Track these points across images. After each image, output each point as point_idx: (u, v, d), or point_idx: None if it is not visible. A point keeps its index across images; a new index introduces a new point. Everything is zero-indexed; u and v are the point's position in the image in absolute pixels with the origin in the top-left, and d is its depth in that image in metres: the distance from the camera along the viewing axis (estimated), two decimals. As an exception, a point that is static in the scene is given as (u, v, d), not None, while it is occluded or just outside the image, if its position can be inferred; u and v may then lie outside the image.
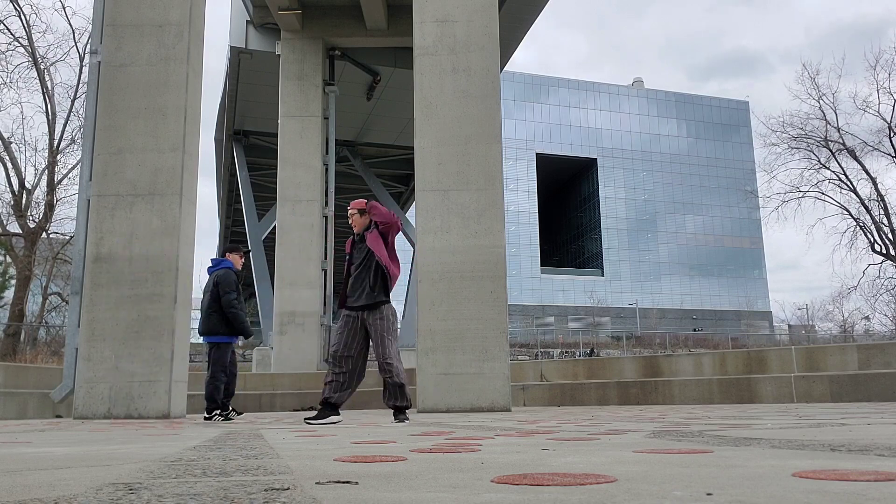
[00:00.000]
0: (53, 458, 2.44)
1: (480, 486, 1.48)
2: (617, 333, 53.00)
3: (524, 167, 73.00)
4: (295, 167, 16.22)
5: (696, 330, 59.69)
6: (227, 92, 21.65)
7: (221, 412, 7.13)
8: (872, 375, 9.32)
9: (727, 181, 75.95)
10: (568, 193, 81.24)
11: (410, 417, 5.41)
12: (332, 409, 5.36)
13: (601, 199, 74.69)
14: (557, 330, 59.28)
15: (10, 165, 23.40)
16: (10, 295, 24.73)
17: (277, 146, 16.53)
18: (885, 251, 30.49)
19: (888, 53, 65.14)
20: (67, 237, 24.43)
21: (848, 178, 31.01)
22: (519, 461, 2.01)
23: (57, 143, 23.30)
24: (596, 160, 75.43)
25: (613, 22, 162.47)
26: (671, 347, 43.56)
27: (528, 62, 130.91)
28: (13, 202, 23.31)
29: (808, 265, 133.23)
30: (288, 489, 1.46)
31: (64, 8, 37.74)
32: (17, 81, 26.84)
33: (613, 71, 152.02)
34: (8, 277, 25.99)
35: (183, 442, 3.29)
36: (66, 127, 23.59)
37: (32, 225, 23.17)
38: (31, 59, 23.06)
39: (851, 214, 31.14)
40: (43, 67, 23.18)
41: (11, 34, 22.81)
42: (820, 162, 31.46)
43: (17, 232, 23.84)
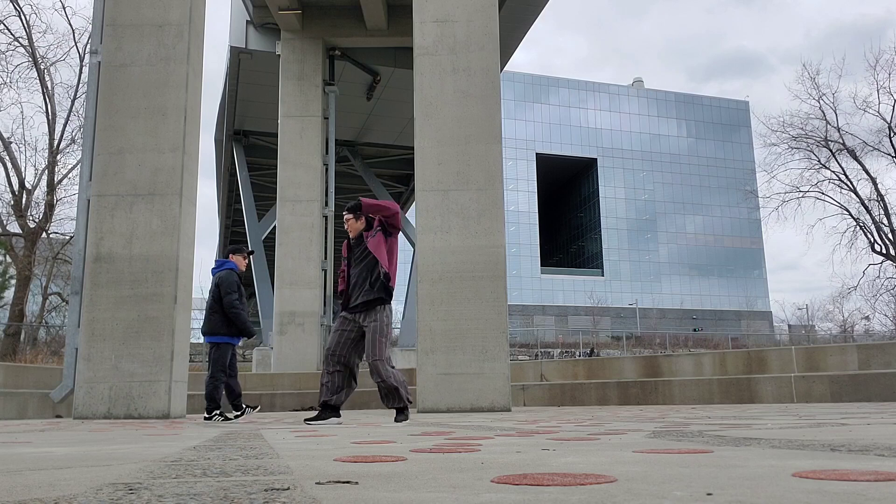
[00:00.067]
0: (53, 458, 2.44)
1: (480, 486, 1.48)
2: (617, 333, 53.01)
3: (524, 167, 73.01)
4: (295, 167, 16.23)
5: (696, 330, 59.68)
6: (227, 92, 21.65)
7: (235, 413, 7.19)
8: (872, 375, 9.32)
9: (727, 181, 75.94)
10: (568, 193, 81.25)
11: (410, 417, 5.41)
12: (332, 410, 5.38)
13: (601, 199, 74.69)
14: (557, 330, 59.30)
15: (10, 165, 23.43)
16: (10, 295, 24.74)
17: (277, 146, 16.54)
18: (885, 251, 30.50)
19: (888, 53, 65.16)
20: (67, 237, 24.44)
21: (848, 178, 31.05)
22: (519, 461, 2.01)
23: (57, 143, 23.32)
24: (596, 160, 75.44)
25: (613, 23, 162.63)
26: (671, 347, 43.57)
27: (528, 63, 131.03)
28: (13, 202, 23.33)
29: (808, 265, 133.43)
30: (288, 489, 1.46)
31: (64, 8, 37.84)
32: (17, 81, 26.92)
33: (614, 72, 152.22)
34: (8, 277, 26.01)
35: (183, 442, 3.29)
36: (66, 127, 23.64)
37: (32, 225, 23.18)
38: (31, 59, 23.09)
39: (851, 214, 31.17)
40: (43, 67, 23.20)
41: (11, 34, 22.85)
42: (820, 162, 31.49)
43: (17, 232, 23.86)
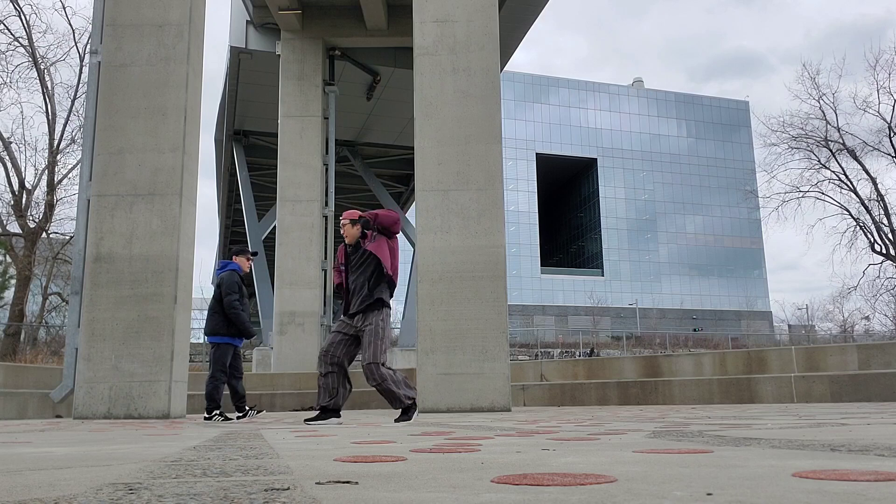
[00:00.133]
0: (53, 458, 2.44)
1: (480, 486, 1.48)
2: (617, 333, 53.00)
3: (524, 167, 73.00)
4: (295, 167, 16.22)
5: (696, 330, 59.67)
6: (227, 92, 21.64)
7: (237, 414, 7.22)
8: (872, 375, 9.32)
9: (727, 181, 75.93)
10: (568, 193, 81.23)
11: (412, 417, 5.42)
12: (331, 412, 5.39)
13: (601, 199, 74.67)
14: (557, 330, 59.29)
15: (10, 165, 23.44)
16: (10, 295, 24.75)
17: (277, 146, 16.53)
18: (885, 251, 30.50)
19: (888, 53, 65.16)
20: (67, 237, 24.45)
21: (848, 178, 31.06)
22: (519, 461, 2.01)
23: (57, 143, 23.33)
24: (596, 160, 75.43)
25: (613, 23, 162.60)
26: (671, 347, 43.56)
27: (528, 63, 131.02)
28: (13, 202, 23.33)
29: (808, 265, 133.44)
30: (288, 489, 1.46)
31: (64, 8, 37.82)
32: (17, 81, 26.92)
33: (614, 72, 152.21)
34: (8, 277, 26.01)
35: (183, 442, 3.29)
36: (66, 127, 23.65)
37: (32, 225, 23.18)
38: (31, 59, 23.10)
39: (851, 214, 31.18)
40: (43, 67, 23.21)
41: (11, 34, 22.86)
42: (820, 162, 31.50)
43: (17, 232, 23.86)
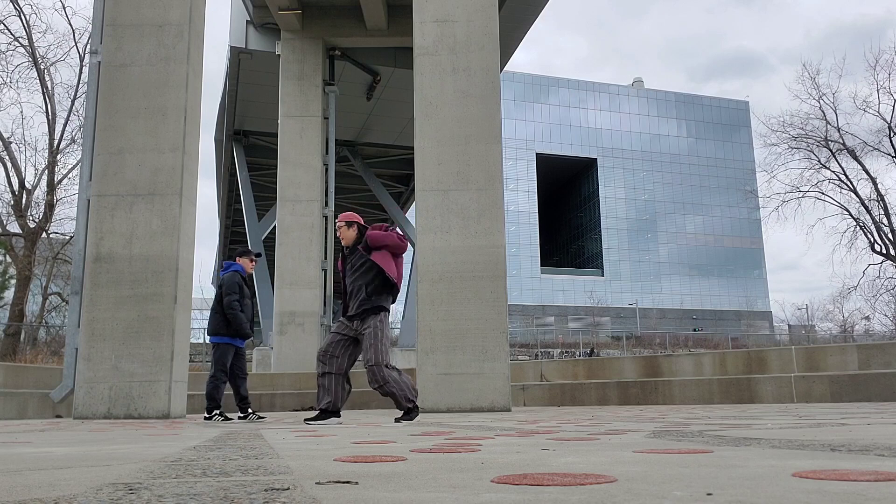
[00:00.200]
0: (53, 458, 2.44)
1: (480, 486, 1.48)
2: (617, 333, 52.99)
3: (524, 167, 72.98)
4: (295, 167, 16.22)
5: (696, 330, 59.67)
6: (227, 92, 21.64)
7: (239, 414, 7.23)
8: (872, 375, 9.32)
9: (727, 181, 75.91)
10: (568, 193, 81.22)
11: (413, 419, 5.42)
12: (331, 412, 5.41)
13: (601, 199, 74.65)
14: (557, 330, 59.28)
15: (10, 165, 23.44)
16: (10, 295, 24.75)
17: (277, 146, 16.53)
18: (885, 251, 30.50)
19: (888, 53, 65.16)
20: (67, 237, 24.45)
21: (848, 178, 31.05)
22: (519, 461, 2.01)
23: (57, 143, 23.33)
24: (596, 160, 75.41)
25: (613, 23, 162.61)
26: (671, 347, 43.56)
27: (528, 63, 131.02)
28: (13, 202, 23.33)
29: (808, 265, 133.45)
30: (288, 489, 1.46)
31: (64, 8, 37.82)
32: (17, 81, 26.92)
33: (614, 72, 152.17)
34: (8, 277, 26.02)
35: (183, 442, 3.29)
36: (66, 127, 23.65)
37: (32, 225, 23.18)
38: (31, 59, 23.10)
39: (851, 214, 31.17)
40: (43, 67, 23.21)
41: (11, 34, 22.86)
42: (820, 162, 31.49)
43: (17, 232, 23.86)
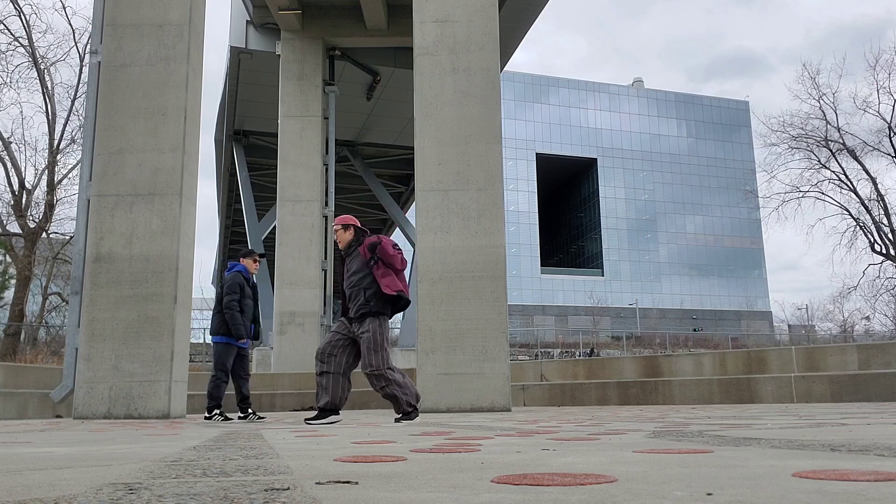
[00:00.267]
0: (53, 458, 2.44)
1: (480, 486, 1.48)
2: (617, 333, 52.99)
3: (524, 167, 72.97)
4: (295, 167, 16.22)
5: (696, 330, 59.67)
6: (227, 92, 21.64)
7: (239, 414, 7.23)
8: (872, 375, 9.32)
9: (727, 181, 75.91)
10: (568, 193, 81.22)
11: (413, 419, 5.42)
12: (330, 411, 5.44)
13: (601, 199, 74.64)
14: (557, 330, 59.27)
15: (10, 165, 23.44)
16: (10, 295, 24.76)
17: (277, 146, 16.53)
18: (885, 251, 30.50)
19: (888, 53, 65.21)
20: (67, 237, 24.45)
21: (848, 178, 31.06)
22: (519, 461, 2.01)
23: (57, 143, 23.33)
24: (596, 160, 75.40)
25: (613, 23, 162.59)
26: (671, 347, 43.56)
27: (528, 63, 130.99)
28: (13, 202, 23.33)
29: (808, 265, 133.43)
30: (288, 489, 1.46)
31: (64, 8, 37.73)
32: (17, 81, 26.93)
33: (614, 72, 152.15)
34: (8, 277, 26.03)
35: (183, 442, 3.29)
36: (66, 127, 23.66)
37: (32, 225, 23.18)
38: (31, 59, 23.10)
39: (851, 214, 31.18)
40: (43, 67, 23.21)
41: (11, 34, 22.86)
42: (820, 162, 31.50)
43: (17, 232, 23.86)
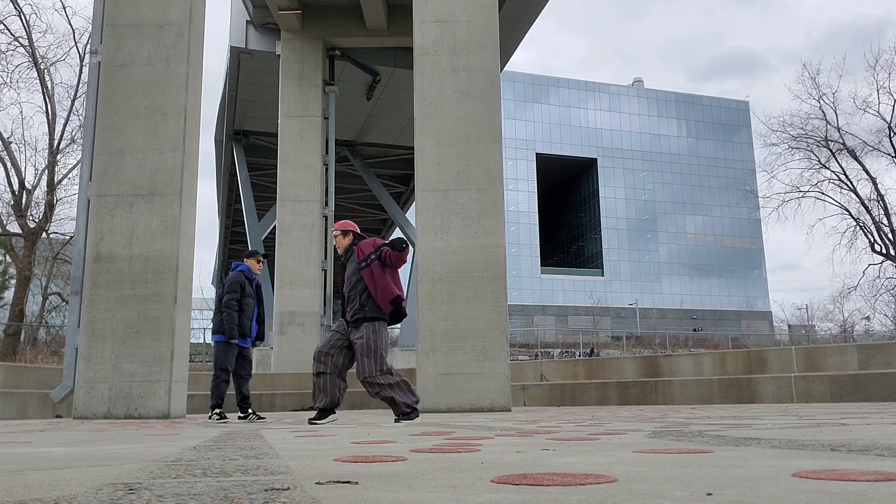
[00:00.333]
0: (53, 458, 2.44)
1: (480, 486, 1.48)
2: (617, 333, 52.99)
3: (524, 167, 72.96)
4: (295, 167, 16.22)
5: (696, 330, 59.67)
6: (227, 92, 21.63)
7: (239, 414, 7.24)
8: (872, 375, 9.32)
9: (727, 181, 75.90)
10: (568, 193, 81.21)
11: (413, 420, 5.42)
12: (328, 411, 5.54)
13: (601, 199, 74.65)
14: (557, 330, 59.28)
15: (10, 165, 23.43)
16: (10, 295, 24.76)
17: (277, 146, 16.53)
18: (885, 251, 30.50)
19: (888, 53, 65.19)
20: (67, 237, 24.44)
21: (848, 178, 31.05)
22: (519, 461, 2.01)
23: (57, 143, 23.33)
24: (596, 160, 75.40)
25: (613, 23, 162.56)
26: (671, 347, 43.56)
27: (528, 63, 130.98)
28: (13, 202, 23.33)
29: (808, 265, 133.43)
30: (288, 489, 1.46)
31: (64, 8, 37.73)
32: (17, 81, 26.93)
33: (614, 72, 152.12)
34: (8, 277, 26.02)
35: (183, 442, 3.29)
36: (66, 127, 23.65)
37: (32, 225, 23.18)
38: (31, 59, 23.10)
39: (851, 214, 31.18)
40: (43, 67, 23.21)
41: (11, 34, 22.86)
42: (820, 162, 31.49)
43: (17, 232, 23.86)
